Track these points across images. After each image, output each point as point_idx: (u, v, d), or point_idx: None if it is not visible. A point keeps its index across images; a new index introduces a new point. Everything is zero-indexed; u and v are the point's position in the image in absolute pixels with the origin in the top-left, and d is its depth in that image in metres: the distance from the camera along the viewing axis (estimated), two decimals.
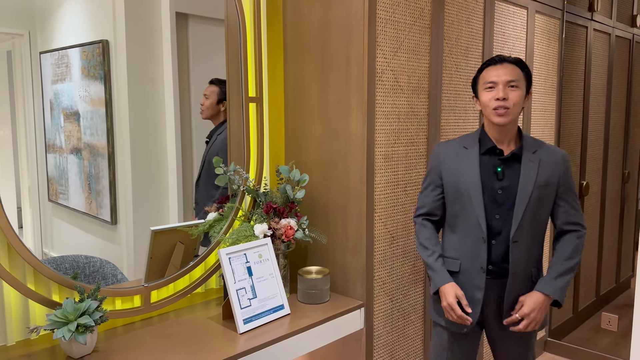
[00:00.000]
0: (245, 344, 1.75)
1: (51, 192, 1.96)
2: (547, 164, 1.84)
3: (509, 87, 1.79)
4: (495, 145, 1.85)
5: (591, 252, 3.96)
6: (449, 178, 1.89)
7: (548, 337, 3.49)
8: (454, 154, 1.90)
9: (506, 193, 1.82)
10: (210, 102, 2.23)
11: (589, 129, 3.74)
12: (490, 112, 1.81)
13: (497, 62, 1.83)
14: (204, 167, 2.22)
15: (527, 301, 1.81)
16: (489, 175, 1.84)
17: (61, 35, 1.91)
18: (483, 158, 1.86)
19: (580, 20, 3.48)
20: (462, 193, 1.85)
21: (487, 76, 1.83)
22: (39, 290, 1.69)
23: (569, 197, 1.89)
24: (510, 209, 1.82)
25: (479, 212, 1.82)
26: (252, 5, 2.19)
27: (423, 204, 1.98)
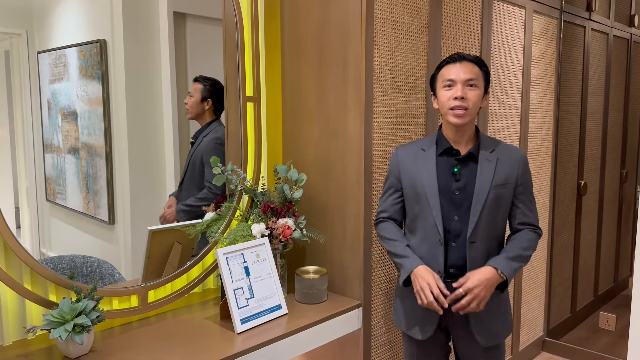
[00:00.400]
0: (242, 343, 1.75)
1: (49, 192, 1.96)
2: (504, 163, 1.81)
3: (467, 86, 1.75)
4: (451, 145, 1.82)
5: (589, 252, 3.97)
6: (407, 181, 1.86)
7: (546, 337, 3.49)
8: (412, 157, 1.87)
9: (463, 193, 1.79)
10: (194, 100, 2.19)
11: (587, 129, 3.75)
12: (448, 111, 1.77)
13: (456, 60, 1.78)
14: (188, 170, 2.18)
15: (473, 275, 1.73)
16: (446, 176, 1.81)
17: (59, 35, 1.90)
18: (440, 159, 1.82)
19: (578, 20, 3.49)
20: (419, 195, 1.82)
21: (446, 74, 1.78)
22: (36, 290, 1.68)
23: (526, 198, 1.87)
24: (468, 209, 1.78)
25: (435, 214, 1.78)
26: (249, 5, 2.19)
27: (383, 208, 1.94)
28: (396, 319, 2.00)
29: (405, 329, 1.94)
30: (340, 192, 2.16)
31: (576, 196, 3.71)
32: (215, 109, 2.24)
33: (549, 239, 3.44)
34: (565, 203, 3.59)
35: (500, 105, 2.83)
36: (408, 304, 1.92)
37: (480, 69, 1.79)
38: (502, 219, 1.86)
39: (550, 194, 3.39)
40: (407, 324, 1.93)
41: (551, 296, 3.52)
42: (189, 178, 2.17)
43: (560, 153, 3.46)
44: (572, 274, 3.77)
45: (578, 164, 3.69)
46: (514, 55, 2.90)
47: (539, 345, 3.45)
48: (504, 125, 2.88)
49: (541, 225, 3.33)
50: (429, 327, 1.87)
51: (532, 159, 3.17)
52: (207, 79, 2.21)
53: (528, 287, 3.25)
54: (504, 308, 1.90)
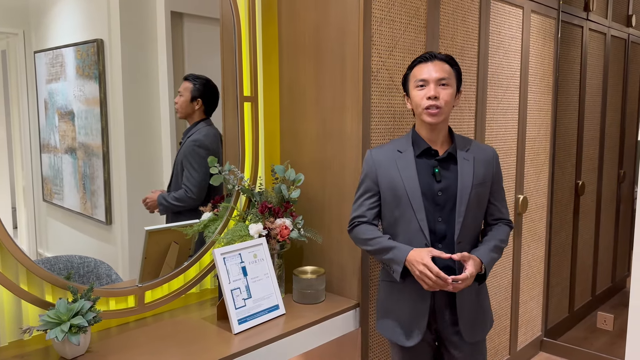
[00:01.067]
0: (239, 344, 1.74)
1: (46, 192, 1.95)
2: (480, 162, 1.83)
3: (440, 85, 1.75)
4: (430, 146, 1.81)
5: (587, 252, 3.97)
6: (386, 184, 1.81)
7: (544, 337, 3.50)
8: (389, 159, 1.82)
9: (446, 194, 1.78)
10: (183, 99, 2.14)
11: (585, 129, 3.75)
12: (422, 111, 1.76)
13: (428, 59, 1.77)
14: (173, 172, 2.15)
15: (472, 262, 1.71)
16: (427, 177, 1.79)
17: (56, 35, 1.90)
18: (419, 161, 1.80)
19: (575, 20, 3.49)
20: (400, 198, 1.78)
21: (418, 74, 1.77)
22: (32, 291, 1.68)
23: (500, 194, 1.91)
24: (451, 210, 1.78)
25: (420, 217, 1.75)
26: (247, 4, 2.18)
27: (360, 213, 1.86)
28: (381, 327, 1.93)
29: (392, 337, 1.88)
30: (338, 192, 2.16)
31: (574, 196, 3.72)
32: (206, 109, 2.20)
33: (547, 239, 3.44)
34: (563, 203, 3.59)
35: (498, 105, 2.83)
36: (393, 309, 1.87)
37: (452, 67, 1.79)
38: (481, 216, 1.89)
39: (548, 193, 3.39)
40: (393, 331, 1.87)
41: (549, 296, 3.52)
42: (175, 179, 2.14)
43: (558, 153, 3.46)
44: (570, 274, 3.78)
45: (576, 163, 3.70)
46: (511, 55, 2.90)
47: (537, 345, 3.46)
48: (502, 125, 2.88)
49: (539, 225, 3.34)
50: (417, 332, 1.82)
51: (530, 159, 3.17)
52: (197, 78, 2.17)
53: (526, 287, 3.25)
54: (487, 303, 1.94)
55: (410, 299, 1.82)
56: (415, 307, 1.82)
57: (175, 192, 2.13)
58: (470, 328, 1.85)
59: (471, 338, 1.85)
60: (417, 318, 1.81)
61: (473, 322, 1.86)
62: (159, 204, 2.11)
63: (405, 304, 1.84)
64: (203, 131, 2.19)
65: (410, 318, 1.83)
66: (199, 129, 2.19)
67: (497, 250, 1.84)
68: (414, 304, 1.82)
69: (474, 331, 1.86)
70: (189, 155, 2.14)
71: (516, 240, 3.10)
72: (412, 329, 1.83)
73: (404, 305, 1.84)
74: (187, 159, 2.13)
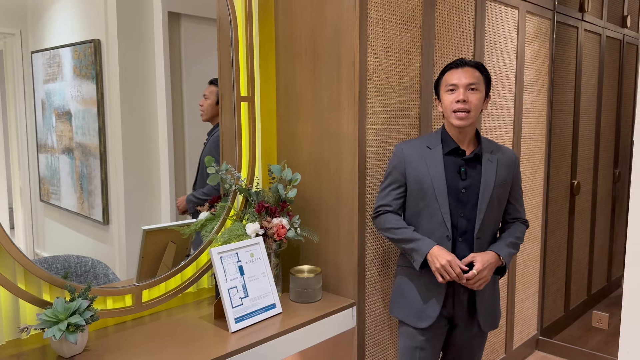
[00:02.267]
0: (236, 342, 1.75)
1: (43, 192, 1.95)
2: (503, 164, 1.95)
3: (469, 90, 1.86)
4: (458, 145, 1.91)
5: (582, 251, 3.99)
6: (413, 177, 1.92)
7: (540, 336, 3.51)
8: (418, 154, 1.93)
9: (469, 192, 1.89)
10: (209, 102, 2.22)
11: (580, 129, 3.77)
12: (451, 114, 1.87)
13: (459, 66, 1.88)
14: (199, 170, 2.22)
15: (480, 257, 1.85)
16: (453, 174, 1.90)
17: (53, 35, 1.90)
18: (447, 158, 1.91)
19: (571, 21, 3.51)
20: (426, 191, 1.89)
21: (449, 79, 1.88)
22: (30, 290, 1.68)
23: (519, 195, 2.04)
24: (473, 207, 1.89)
25: (444, 211, 1.87)
26: (243, 5, 2.19)
27: (386, 202, 1.97)
28: (395, 310, 2.04)
29: (406, 318, 1.98)
30: (335, 192, 2.17)
31: (569, 196, 3.73)
32: None
33: (543, 239, 3.46)
34: (558, 203, 3.61)
35: (494, 105, 2.85)
36: (409, 293, 1.98)
37: (481, 73, 1.91)
38: (500, 215, 2.01)
39: (543, 193, 3.41)
40: (408, 313, 1.98)
41: (545, 295, 3.54)
42: (201, 178, 2.20)
43: (553, 153, 3.48)
44: (566, 273, 3.79)
45: (571, 163, 3.71)
46: (507, 56, 2.91)
47: (533, 343, 3.47)
48: (498, 125, 2.89)
49: (535, 224, 3.36)
50: (431, 315, 1.92)
51: (526, 159, 3.19)
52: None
53: (522, 286, 3.27)
54: (499, 296, 2.07)
55: (428, 283, 1.93)
56: (431, 291, 1.93)
57: (202, 189, 2.21)
58: (487, 318, 1.98)
59: (487, 328, 2.00)
60: (432, 301, 1.92)
61: (490, 313, 2.00)
62: (187, 202, 2.19)
63: (422, 288, 1.94)
64: None
65: (425, 303, 1.93)
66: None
67: (513, 245, 1.96)
68: (429, 289, 1.93)
69: (491, 321, 2.01)
70: (214, 152, 2.21)
71: None
72: (425, 312, 1.93)
73: (420, 289, 1.95)
74: (212, 154, 2.21)
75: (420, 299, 1.95)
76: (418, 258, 1.87)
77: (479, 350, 2.09)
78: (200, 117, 2.24)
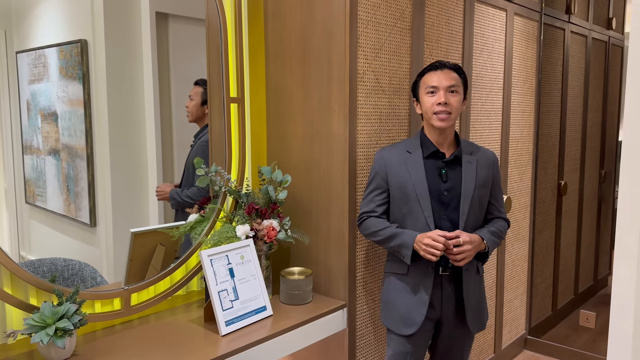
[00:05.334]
0: (227, 346, 1.74)
1: (28, 194, 1.93)
2: (483, 165, 1.97)
3: (449, 92, 1.87)
4: (438, 149, 1.93)
5: (569, 251, 4.03)
6: (396, 182, 1.93)
7: (528, 335, 3.54)
8: (398, 159, 1.94)
9: (451, 194, 1.91)
10: (194, 103, 2.20)
11: (567, 130, 3.81)
12: (432, 116, 1.88)
13: (438, 68, 1.89)
14: (184, 172, 2.20)
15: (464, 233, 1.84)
16: (434, 177, 1.91)
17: (38, 35, 1.88)
18: (427, 162, 1.93)
19: (557, 23, 3.54)
20: (409, 196, 1.90)
21: (429, 81, 1.89)
22: (16, 294, 1.66)
23: (499, 195, 2.05)
24: (455, 209, 1.90)
25: (427, 214, 1.88)
26: (233, 5, 2.18)
27: (370, 208, 1.98)
28: (384, 318, 2.03)
29: (392, 326, 1.98)
30: (325, 193, 2.17)
31: (557, 196, 3.77)
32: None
33: (530, 239, 3.48)
34: (546, 203, 3.64)
35: (482, 106, 2.86)
36: (395, 300, 1.98)
37: (460, 75, 1.92)
38: (482, 216, 2.02)
39: (531, 193, 3.44)
40: (394, 321, 1.98)
41: (533, 295, 3.57)
42: (186, 178, 2.18)
43: (541, 154, 3.50)
44: (553, 273, 3.83)
45: (558, 164, 3.75)
46: (495, 57, 2.93)
47: (521, 343, 3.50)
48: (486, 127, 2.91)
49: (523, 225, 3.38)
50: (417, 321, 1.92)
51: (513, 160, 3.21)
52: (207, 83, 2.21)
53: (510, 286, 3.29)
54: (484, 295, 2.07)
55: (413, 289, 1.94)
56: (416, 297, 1.93)
57: (188, 189, 2.18)
58: (475, 319, 1.99)
59: (476, 329, 2.00)
60: (417, 308, 1.92)
61: (477, 314, 2.00)
62: (171, 198, 2.16)
63: (408, 294, 1.94)
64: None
65: (410, 307, 1.93)
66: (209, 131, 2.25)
67: (495, 234, 1.97)
68: (415, 294, 1.93)
69: (479, 322, 2.01)
70: (201, 154, 2.19)
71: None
72: (412, 318, 1.93)
73: (404, 295, 1.95)
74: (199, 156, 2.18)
75: (405, 305, 1.95)
76: (406, 252, 1.87)
77: (468, 351, 2.10)
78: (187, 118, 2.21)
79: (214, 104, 2.21)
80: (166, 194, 2.15)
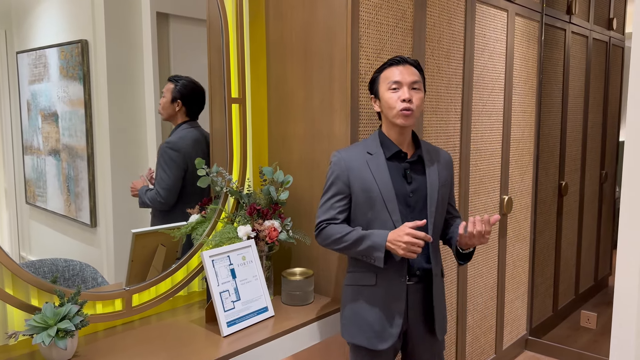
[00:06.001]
0: (229, 347, 1.74)
1: (29, 194, 1.92)
2: (442, 164, 1.89)
3: (412, 89, 1.77)
4: (400, 149, 1.82)
5: (570, 251, 4.03)
6: (359, 185, 1.78)
7: (529, 336, 3.53)
8: (359, 161, 1.80)
9: (417, 195, 1.81)
10: (165, 100, 2.11)
11: (568, 130, 3.81)
12: (396, 113, 1.75)
13: (400, 63, 1.78)
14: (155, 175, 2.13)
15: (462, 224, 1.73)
16: (399, 179, 1.80)
17: (39, 35, 1.87)
18: (390, 163, 1.81)
19: (558, 23, 3.54)
20: (374, 200, 1.77)
21: (391, 76, 1.77)
22: (18, 295, 1.65)
23: (453, 195, 2.00)
24: (421, 210, 1.80)
25: (395, 219, 1.75)
26: (234, 6, 2.18)
27: (331, 216, 1.81)
28: (349, 333, 1.86)
29: (363, 342, 1.82)
30: None
31: (557, 196, 3.77)
32: (188, 111, 2.15)
33: (532, 239, 3.48)
34: (547, 203, 3.64)
35: (484, 107, 2.86)
36: (363, 313, 1.83)
37: (420, 72, 1.82)
38: (444, 216, 1.93)
39: (532, 194, 3.44)
40: (365, 336, 1.82)
41: (534, 295, 3.56)
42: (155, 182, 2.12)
43: (541, 154, 3.50)
44: (554, 273, 3.83)
45: (559, 164, 3.75)
46: (496, 58, 2.93)
47: (522, 344, 3.49)
48: (487, 127, 2.91)
49: (524, 225, 3.39)
50: (392, 333, 1.79)
51: (514, 160, 3.21)
52: (179, 79, 2.13)
53: (511, 286, 3.29)
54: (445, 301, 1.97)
55: (384, 300, 1.80)
56: (389, 308, 1.80)
57: (150, 191, 2.10)
58: (441, 325, 1.89)
59: (441, 335, 1.89)
60: (392, 319, 1.79)
61: (443, 319, 1.91)
62: (139, 195, 2.07)
63: (378, 307, 1.80)
64: (180, 133, 2.15)
65: (384, 320, 1.80)
66: (179, 131, 2.15)
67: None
68: (389, 304, 1.80)
69: (443, 328, 1.91)
70: (160, 157, 2.10)
71: (501, 240, 3.13)
72: (387, 331, 1.79)
73: (375, 307, 1.80)
74: (158, 161, 2.09)
75: (378, 318, 1.80)
76: (378, 254, 1.71)
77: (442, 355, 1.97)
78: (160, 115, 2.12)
79: (214, 104, 2.20)
80: (137, 190, 2.07)
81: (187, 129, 2.16)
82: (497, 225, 3.09)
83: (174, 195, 2.13)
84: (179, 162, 2.13)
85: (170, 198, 2.12)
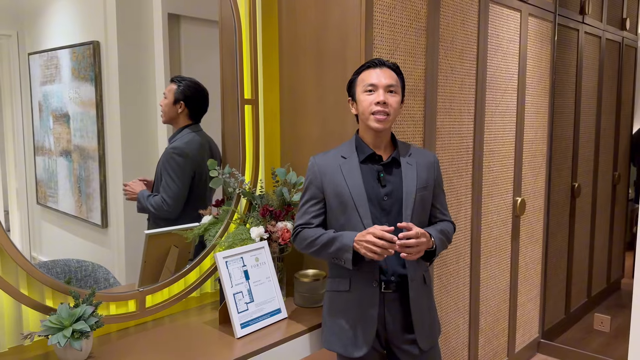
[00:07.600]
0: (242, 348, 1.73)
1: (40, 195, 1.92)
2: (422, 166, 1.82)
3: (388, 92, 1.73)
4: (374, 152, 1.78)
5: (582, 253, 3.99)
6: (332, 190, 1.77)
7: (541, 339, 3.50)
8: (333, 166, 1.78)
9: (392, 199, 1.76)
10: (167, 102, 2.05)
11: (581, 131, 3.77)
12: (370, 116, 1.73)
13: (377, 66, 1.75)
14: (155, 180, 2.06)
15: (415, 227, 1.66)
16: (373, 183, 1.76)
17: (50, 36, 1.88)
18: (363, 166, 1.77)
19: (571, 23, 3.51)
20: (346, 204, 1.74)
21: (367, 78, 1.74)
22: (32, 295, 1.65)
23: (442, 198, 1.90)
24: (397, 214, 1.75)
25: (366, 223, 1.71)
26: (247, 6, 2.17)
27: (306, 220, 1.81)
28: (328, 341, 1.83)
29: (339, 348, 1.79)
30: None
31: (570, 198, 3.73)
32: (191, 113, 2.09)
33: (544, 241, 3.45)
34: (559, 205, 3.61)
35: (497, 107, 2.84)
36: (339, 319, 1.80)
37: (398, 76, 1.78)
38: (425, 219, 1.86)
39: (545, 195, 3.41)
40: (340, 343, 1.79)
41: (546, 298, 3.53)
42: (156, 185, 2.06)
43: (554, 155, 3.47)
44: (567, 276, 3.79)
45: (572, 166, 3.72)
46: (509, 58, 2.91)
47: (534, 346, 3.46)
48: (500, 128, 2.89)
49: (536, 227, 3.35)
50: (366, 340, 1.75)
51: (527, 161, 3.18)
52: (183, 80, 2.08)
53: (523, 289, 3.26)
54: (434, 306, 1.91)
55: (358, 306, 1.76)
56: (363, 314, 1.76)
57: (153, 197, 2.03)
58: (425, 334, 1.80)
59: (426, 345, 1.80)
60: (365, 325, 1.75)
61: (425, 327, 1.81)
62: (138, 199, 2.01)
63: (353, 312, 1.77)
64: (186, 138, 2.09)
65: (358, 326, 1.76)
66: (183, 135, 2.09)
67: (443, 234, 1.81)
68: (362, 310, 1.76)
69: (429, 337, 1.82)
70: (166, 164, 2.04)
71: (514, 242, 3.11)
72: (360, 337, 1.76)
73: (351, 313, 1.77)
74: (165, 167, 2.03)
75: (352, 325, 1.76)
76: (347, 255, 1.68)
77: None
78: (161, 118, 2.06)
79: (227, 105, 2.19)
80: (135, 194, 2.00)
81: (192, 132, 2.11)
82: (510, 228, 3.07)
83: (180, 204, 2.08)
84: (186, 169, 2.08)
85: (177, 207, 2.08)
